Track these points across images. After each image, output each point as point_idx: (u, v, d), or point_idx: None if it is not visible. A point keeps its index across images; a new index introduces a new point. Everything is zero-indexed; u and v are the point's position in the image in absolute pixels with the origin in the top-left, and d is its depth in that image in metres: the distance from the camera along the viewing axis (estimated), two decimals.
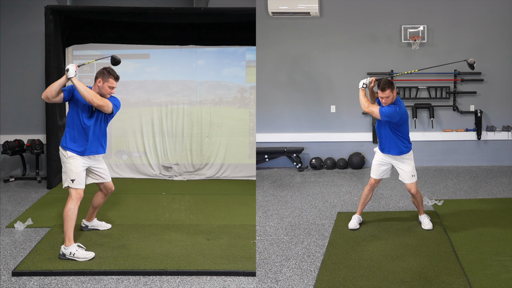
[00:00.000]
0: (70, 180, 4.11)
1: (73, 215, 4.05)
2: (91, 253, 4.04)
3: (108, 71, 4.14)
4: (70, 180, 4.11)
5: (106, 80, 4.13)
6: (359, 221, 4.82)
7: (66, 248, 3.98)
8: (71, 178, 4.11)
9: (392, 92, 4.34)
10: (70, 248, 3.97)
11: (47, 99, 4.04)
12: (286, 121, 8.17)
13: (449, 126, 8.05)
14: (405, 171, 4.62)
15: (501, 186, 6.49)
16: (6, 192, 6.38)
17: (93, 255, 4.02)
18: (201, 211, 5.53)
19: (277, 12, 7.77)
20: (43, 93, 4.04)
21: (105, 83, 4.13)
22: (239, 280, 3.68)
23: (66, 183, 4.15)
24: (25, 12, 7.54)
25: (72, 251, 3.96)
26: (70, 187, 4.12)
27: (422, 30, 7.72)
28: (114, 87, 4.18)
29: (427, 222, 4.74)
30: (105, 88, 4.14)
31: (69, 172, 4.13)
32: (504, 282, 3.48)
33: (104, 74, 4.13)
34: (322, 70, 8.07)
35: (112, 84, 4.15)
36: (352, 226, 4.74)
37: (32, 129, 7.59)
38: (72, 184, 4.11)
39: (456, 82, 7.93)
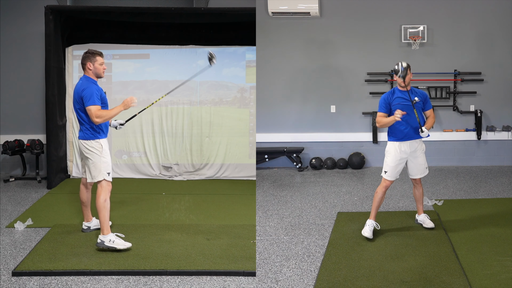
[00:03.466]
0: (106, 173, 4.23)
1: (108, 206, 4.21)
2: (128, 243, 4.18)
3: (90, 52, 4.28)
4: (107, 173, 4.23)
5: (94, 59, 4.27)
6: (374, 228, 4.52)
7: (105, 236, 4.11)
8: (107, 171, 4.23)
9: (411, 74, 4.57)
10: (109, 236, 4.12)
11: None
12: (286, 121, 8.17)
13: (449, 126, 8.05)
14: (421, 163, 4.68)
15: (501, 186, 6.49)
16: (6, 192, 6.38)
17: (130, 245, 4.17)
18: (201, 211, 5.53)
19: (277, 12, 7.77)
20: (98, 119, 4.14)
21: (95, 63, 4.26)
22: (239, 280, 3.68)
23: (101, 176, 4.21)
24: (25, 12, 7.54)
25: (111, 239, 4.12)
26: (106, 180, 4.23)
27: (422, 30, 7.72)
28: (103, 63, 4.33)
29: (428, 221, 4.71)
30: (98, 67, 4.28)
31: (105, 165, 4.22)
32: (504, 282, 3.48)
33: (90, 57, 4.26)
34: (322, 70, 8.07)
35: (100, 60, 4.30)
36: (368, 235, 4.42)
37: (32, 129, 7.60)
38: (108, 177, 4.24)
39: (456, 82, 7.93)
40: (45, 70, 6.71)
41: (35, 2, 7.35)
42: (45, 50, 6.66)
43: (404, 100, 4.52)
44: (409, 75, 4.49)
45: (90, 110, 4.11)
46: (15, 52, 7.58)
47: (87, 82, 4.22)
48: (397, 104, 4.51)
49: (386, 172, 4.58)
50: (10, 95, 7.63)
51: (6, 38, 7.57)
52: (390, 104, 4.56)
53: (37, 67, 7.48)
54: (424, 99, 4.63)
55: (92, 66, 4.25)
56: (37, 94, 7.56)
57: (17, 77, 7.62)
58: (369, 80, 8.00)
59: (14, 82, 7.62)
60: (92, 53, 4.26)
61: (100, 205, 4.17)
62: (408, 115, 4.48)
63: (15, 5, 7.55)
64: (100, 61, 4.28)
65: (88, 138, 4.24)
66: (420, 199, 4.82)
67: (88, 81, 4.24)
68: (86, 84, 4.20)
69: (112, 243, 4.10)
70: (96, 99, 4.14)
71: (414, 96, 4.53)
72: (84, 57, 4.27)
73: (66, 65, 7.35)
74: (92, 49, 4.32)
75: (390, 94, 4.59)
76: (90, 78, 4.28)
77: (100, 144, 4.26)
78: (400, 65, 4.49)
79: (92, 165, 4.22)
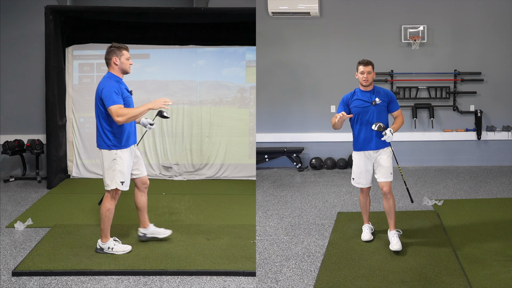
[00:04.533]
0: (119, 182, 4.03)
1: (111, 215, 4.12)
2: (128, 246, 4.16)
3: (117, 46, 4.02)
4: (120, 182, 4.03)
5: (121, 54, 4.01)
6: (371, 230, 4.51)
7: (104, 244, 4.10)
8: (121, 180, 4.04)
9: (373, 70, 4.27)
10: (108, 243, 4.10)
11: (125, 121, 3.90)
12: (286, 121, 8.17)
13: (449, 126, 8.05)
14: (384, 166, 4.22)
15: (501, 186, 6.49)
16: (6, 192, 6.38)
17: (130, 248, 4.14)
18: (201, 211, 5.52)
19: (277, 12, 7.77)
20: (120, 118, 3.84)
21: (121, 58, 4.01)
22: (239, 280, 3.68)
23: (114, 185, 4.03)
24: (25, 12, 7.54)
25: (110, 246, 4.09)
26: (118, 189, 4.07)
27: (422, 30, 7.72)
28: (130, 58, 4.10)
29: (396, 241, 4.14)
30: (124, 62, 4.03)
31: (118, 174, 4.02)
32: (504, 282, 3.48)
33: (115, 51, 4.00)
34: (322, 70, 8.07)
35: (127, 55, 4.05)
36: (367, 238, 4.38)
37: (32, 129, 7.59)
38: (122, 186, 4.06)
39: (456, 82, 7.94)
40: (45, 70, 6.71)
41: (35, 2, 7.35)
42: (45, 50, 6.66)
43: (363, 102, 4.24)
44: (372, 74, 4.23)
45: (110, 110, 3.82)
46: (15, 52, 7.57)
47: (107, 80, 3.95)
48: (354, 106, 4.26)
49: (353, 179, 4.40)
50: (10, 95, 7.62)
51: (6, 38, 7.57)
52: (349, 106, 4.31)
53: (37, 67, 7.47)
54: (389, 100, 4.28)
55: (119, 61, 3.99)
56: (37, 94, 7.55)
57: (17, 77, 7.61)
58: None
59: (14, 82, 7.62)
60: (118, 47, 3.99)
61: (102, 214, 4.09)
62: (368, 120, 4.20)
63: (15, 5, 7.55)
64: (127, 55, 4.03)
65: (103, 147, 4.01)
66: (390, 213, 4.29)
67: (110, 78, 3.98)
68: (105, 82, 3.93)
69: (111, 250, 4.08)
70: (116, 98, 3.84)
71: (376, 96, 4.23)
72: (109, 51, 4.00)
73: (66, 65, 7.35)
74: (117, 43, 4.03)
75: (350, 94, 4.36)
76: (114, 75, 4.01)
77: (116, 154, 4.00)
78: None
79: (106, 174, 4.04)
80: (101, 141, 4.01)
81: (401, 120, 4.33)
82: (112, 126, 3.98)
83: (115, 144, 4.00)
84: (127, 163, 4.07)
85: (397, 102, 4.38)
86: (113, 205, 4.13)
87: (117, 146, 4.01)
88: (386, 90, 4.39)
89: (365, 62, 4.27)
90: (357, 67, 4.32)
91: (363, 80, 4.26)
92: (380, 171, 4.25)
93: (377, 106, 4.22)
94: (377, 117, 4.22)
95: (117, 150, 4.01)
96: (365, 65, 4.25)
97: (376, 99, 4.23)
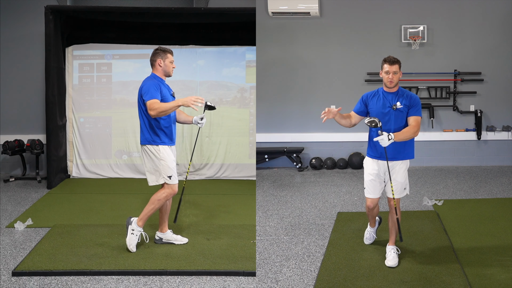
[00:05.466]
0: (167, 177, 4.12)
1: (158, 206, 4.16)
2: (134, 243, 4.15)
3: (162, 49, 4.17)
4: (168, 176, 4.12)
5: (165, 57, 4.16)
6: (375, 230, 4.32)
7: (135, 224, 4.16)
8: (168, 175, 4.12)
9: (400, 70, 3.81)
10: (137, 228, 4.15)
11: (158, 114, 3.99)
12: (286, 121, 8.17)
13: (449, 126, 8.05)
14: (398, 181, 3.86)
15: (501, 186, 6.49)
16: (6, 192, 6.38)
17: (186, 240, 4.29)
18: (201, 211, 5.52)
19: (277, 12, 7.77)
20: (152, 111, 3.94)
21: (166, 60, 4.16)
22: (239, 280, 3.68)
23: (162, 180, 4.13)
24: (25, 12, 7.54)
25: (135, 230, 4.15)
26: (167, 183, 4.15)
27: (422, 30, 7.72)
28: (173, 61, 4.23)
29: (393, 257, 3.85)
30: (168, 65, 4.17)
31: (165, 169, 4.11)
32: (504, 282, 3.48)
33: (161, 54, 4.15)
34: (322, 70, 8.08)
35: (171, 58, 4.20)
36: (369, 242, 4.32)
37: (32, 129, 7.59)
38: (170, 180, 4.15)
39: (456, 82, 7.94)
40: (45, 70, 6.71)
41: (35, 2, 7.35)
42: (45, 50, 6.66)
43: (382, 104, 3.83)
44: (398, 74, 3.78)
45: (146, 104, 3.97)
46: (15, 52, 7.58)
47: (149, 79, 4.11)
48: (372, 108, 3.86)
49: (365, 188, 3.96)
50: (10, 95, 7.62)
51: (6, 38, 7.57)
52: (367, 106, 3.92)
53: (37, 67, 7.47)
54: (411, 104, 3.78)
55: (163, 63, 4.14)
56: (37, 94, 7.55)
57: (17, 77, 7.61)
58: (369, 80, 7.99)
59: (14, 82, 7.62)
60: (164, 50, 4.16)
61: (152, 198, 4.15)
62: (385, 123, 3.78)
63: (15, 5, 7.55)
64: (171, 59, 4.18)
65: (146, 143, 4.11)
66: (391, 229, 3.99)
67: (153, 78, 4.13)
68: (147, 81, 4.09)
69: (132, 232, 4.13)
70: (154, 93, 3.96)
71: (398, 100, 3.79)
72: (154, 53, 4.16)
73: (66, 65, 7.35)
74: (163, 47, 4.19)
75: (371, 93, 3.92)
76: (157, 76, 4.16)
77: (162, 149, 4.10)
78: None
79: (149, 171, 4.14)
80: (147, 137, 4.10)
81: (412, 130, 3.70)
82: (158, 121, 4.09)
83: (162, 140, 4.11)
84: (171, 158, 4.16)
85: (420, 109, 3.81)
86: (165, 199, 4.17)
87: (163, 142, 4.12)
88: (411, 94, 3.86)
89: (391, 60, 3.79)
90: (382, 65, 3.83)
91: (388, 81, 3.79)
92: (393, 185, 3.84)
93: (397, 110, 3.78)
94: (395, 123, 3.78)
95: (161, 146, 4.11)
96: (391, 64, 3.77)
97: (397, 103, 3.78)
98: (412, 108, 3.79)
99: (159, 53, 4.15)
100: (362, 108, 3.95)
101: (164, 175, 4.12)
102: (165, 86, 4.17)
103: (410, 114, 3.79)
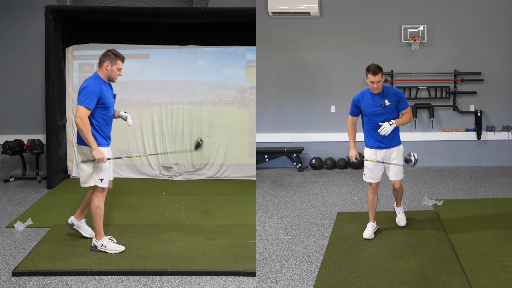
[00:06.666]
0: (99, 180, 4.09)
1: (100, 212, 4.14)
2: (121, 246, 4.17)
3: (114, 53, 4.10)
4: (99, 179, 4.09)
5: (115, 62, 4.09)
6: (375, 230, 4.56)
7: (97, 241, 4.12)
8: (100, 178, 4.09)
9: (383, 76, 4.27)
10: (102, 241, 4.13)
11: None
12: (286, 121, 8.17)
13: (449, 126, 8.05)
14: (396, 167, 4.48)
15: (501, 186, 6.49)
16: (6, 192, 6.38)
17: (123, 248, 4.16)
18: (201, 211, 5.53)
19: (277, 12, 7.77)
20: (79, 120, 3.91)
21: (113, 66, 4.09)
22: (239, 280, 3.68)
23: (93, 182, 4.09)
24: (25, 12, 7.54)
25: (103, 243, 4.12)
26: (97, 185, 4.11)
27: (422, 30, 7.72)
28: (121, 69, 4.17)
29: (402, 216, 4.77)
30: (114, 71, 4.10)
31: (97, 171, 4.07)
32: (504, 282, 3.48)
33: (111, 57, 4.08)
34: (322, 70, 8.07)
35: (120, 66, 4.14)
36: (367, 236, 4.44)
37: (32, 129, 7.59)
38: (101, 184, 4.11)
39: (456, 82, 7.93)
40: (45, 70, 6.71)
41: (35, 2, 7.35)
42: (45, 50, 6.66)
43: (373, 105, 4.34)
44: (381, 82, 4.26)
45: (78, 109, 3.90)
46: (15, 52, 7.58)
47: (92, 80, 4.02)
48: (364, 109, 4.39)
49: (365, 174, 4.56)
50: (10, 95, 7.62)
51: (6, 38, 7.57)
52: (359, 107, 4.44)
53: (37, 67, 7.47)
54: (397, 99, 4.34)
55: (110, 67, 4.06)
56: (37, 94, 7.55)
57: (17, 77, 7.61)
58: None
59: (14, 82, 7.62)
60: (116, 55, 4.09)
61: (92, 211, 4.14)
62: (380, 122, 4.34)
63: (15, 5, 7.55)
64: (120, 66, 4.11)
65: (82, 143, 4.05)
66: (398, 197, 4.78)
67: (96, 78, 4.06)
68: (89, 81, 4.01)
69: (104, 248, 4.10)
70: (91, 101, 3.91)
71: (385, 98, 4.31)
72: (105, 54, 4.08)
73: (66, 65, 7.35)
74: (116, 51, 4.12)
75: (359, 96, 4.44)
76: (100, 77, 4.08)
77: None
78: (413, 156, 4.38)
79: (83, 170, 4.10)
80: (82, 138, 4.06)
81: (408, 117, 4.39)
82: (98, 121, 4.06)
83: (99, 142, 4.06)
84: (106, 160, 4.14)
85: (406, 100, 4.42)
86: (101, 202, 4.15)
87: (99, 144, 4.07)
88: (395, 90, 4.42)
89: (374, 71, 4.22)
90: (366, 73, 4.28)
91: (373, 89, 4.31)
92: (392, 170, 4.49)
93: (386, 108, 4.33)
94: (387, 118, 4.35)
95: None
96: (374, 74, 4.22)
97: (385, 101, 4.32)
98: (400, 103, 4.38)
99: (110, 56, 4.08)
100: (356, 110, 4.51)
101: (97, 177, 4.08)
102: (107, 88, 4.12)
103: (400, 108, 4.39)
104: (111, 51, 4.10)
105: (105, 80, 4.12)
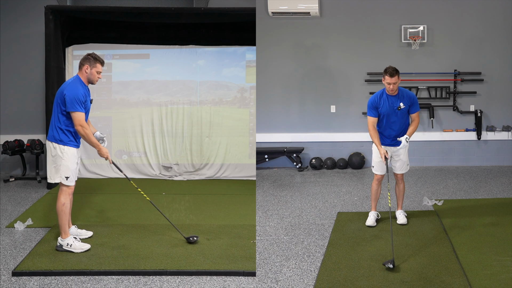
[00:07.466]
0: (64, 177, 4.15)
1: (67, 210, 4.18)
2: (86, 244, 4.18)
3: (93, 57, 4.19)
4: (65, 177, 4.14)
5: (94, 65, 4.18)
6: (377, 217, 4.90)
7: (63, 240, 4.14)
8: (66, 175, 4.14)
9: (399, 78, 4.54)
10: (67, 240, 4.13)
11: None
12: (286, 121, 8.17)
13: (449, 126, 8.05)
14: (403, 160, 4.83)
15: (501, 186, 6.49)
16: (6, 192, 6.38)
17: (88, 246, 4.17)
18: (201, 211, 5.53)
19: (277, 12, 7.77)
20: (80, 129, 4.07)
21: (93, 69, 4.18)
22: (239, 280, 3.68)
23: (59, 179, 4.17)
24: (25, 12, 7.54)
25: (69, 242, 4.12)
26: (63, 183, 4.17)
27: (422, 30, 7.72)
28: (101, 72, 4.24)
29: (402, 217, 4.89)
30: (93, 74, 4.19)
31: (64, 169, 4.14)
32: (504, 282, 3.48)
33: (91, 60, 4.17)
34: (322, 70, 8.07)
35: (99, 69, 4.22)
36: (370, 223, 4.80)
37: (32, 129, 7.59)
38: (66, 181, 4.16)
39: (456, 82, 7.93)
40: (45, 70, 6.71)
41: (35, 2, 7.34)
42: (45, 50, 6.67)
43: (389, 107, 4.63)
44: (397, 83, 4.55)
45: (74, 116, 4.02)
46: (15, 52, 7.58)
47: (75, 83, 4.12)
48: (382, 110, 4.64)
49: (373, 167, 4.88)
50: (10, 95, 7.62)
51: (6, 38, 7.57)
52: (377, 108, 4.66)
53: (37, 67, 7.47)
54: (411, 103, 4.66)
55: (89, 70, 4.15)
56: (37, 94, 7.55)
57: (17, 77, 7.62)
58: (369, 80, 7.99)
59: (14, 82, 7.62)
60: (95, 58, 4.17)
61: (57, 209, 4.16)
62: (393, 122, 4.67)
63: (15, 5, 7.55)
64: (99, 69, 4.19)
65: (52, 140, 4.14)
66: (399, 195, 5.00)
67: (78, 81, 4.15)
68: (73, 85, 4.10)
69: (69, 247, 4.11)
70: (79, 106, 4.03)
71: (401, 101, 4.61)
72: (85, 58, 4.17)
73: (66, 65, 7.35)
74: (96, 55, 4.20)
75: (377, 97, 4.67)
76: (81, 80, 4.17)
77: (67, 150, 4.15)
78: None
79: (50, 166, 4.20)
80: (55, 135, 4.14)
81: (417, 124, 4.73)
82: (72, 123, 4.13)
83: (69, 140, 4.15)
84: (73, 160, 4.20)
85: (418, 105, 4.73)
86: (67, 200, 4.18)
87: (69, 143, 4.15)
88: (409, 93, 4.73)
89: (391, 73, 4.50)
90: (384, 75, 4.56)
91: (390, 90, 4.59)
92: (398, 163, 4.86)
93: (401, 110, 4.64)
94: (401, 120, 4.69)
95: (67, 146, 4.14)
96: (391, 76, 4.50)
97: (400, 104, 4.62)
98: (413, 106, 4.69)
99: (90, 60, 4.16)
100: (376, 112, 4.69)
101: (63, 174, 4.14)
102: (86, 91, 4.19)
103: (412, 111, 4.71)
104: (91, 54, 4.21)
105: (86, 83, 4.21)
